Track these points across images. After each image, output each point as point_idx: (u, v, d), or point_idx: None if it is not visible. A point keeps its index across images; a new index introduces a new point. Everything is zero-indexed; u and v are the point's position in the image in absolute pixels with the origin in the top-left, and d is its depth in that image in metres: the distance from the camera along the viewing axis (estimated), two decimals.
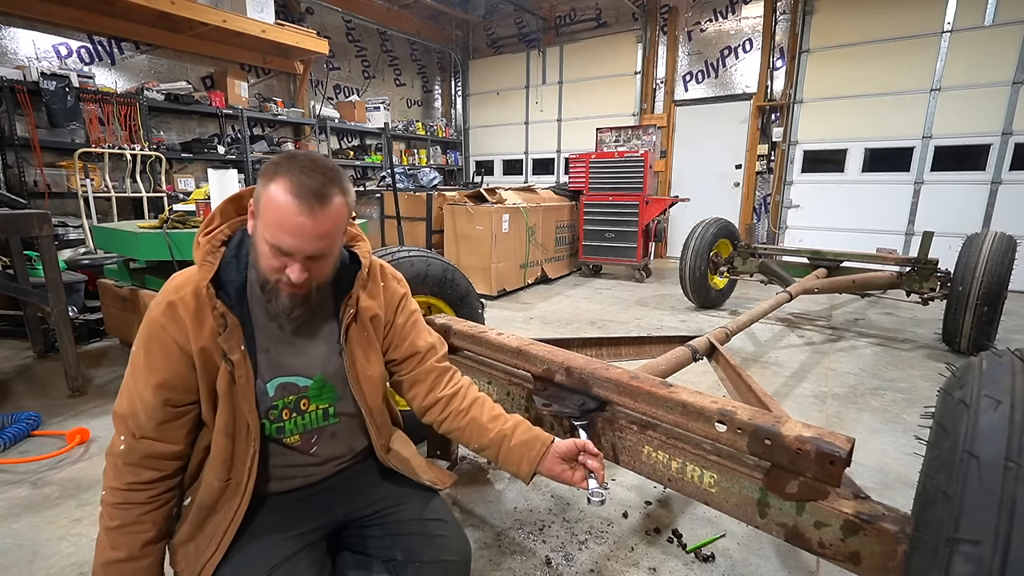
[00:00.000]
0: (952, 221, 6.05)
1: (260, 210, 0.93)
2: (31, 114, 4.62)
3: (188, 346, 0.98)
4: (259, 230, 0.95)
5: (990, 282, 3.26)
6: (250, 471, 1.04)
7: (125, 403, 1.00)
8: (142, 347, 1.00)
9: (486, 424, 1.18)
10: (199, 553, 1.03)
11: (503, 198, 5.60)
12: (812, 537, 0.96)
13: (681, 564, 1.61)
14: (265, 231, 0.93)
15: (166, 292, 1.01)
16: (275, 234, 0.91)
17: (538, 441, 1.13)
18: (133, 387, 1.00)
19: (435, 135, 9.66)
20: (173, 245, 2.64)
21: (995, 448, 0.72)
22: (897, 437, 2.42)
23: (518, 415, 1.23)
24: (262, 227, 0.93)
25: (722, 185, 7.74)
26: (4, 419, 2.38)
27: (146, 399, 0.98)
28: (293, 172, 0.90)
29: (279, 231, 0.91)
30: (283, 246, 0.92)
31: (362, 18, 8.00)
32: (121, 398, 1.01)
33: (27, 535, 1.71)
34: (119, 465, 0.99)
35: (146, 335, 1.00)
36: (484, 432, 1.18)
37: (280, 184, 0.90)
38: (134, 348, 1.01)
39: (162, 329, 0.98)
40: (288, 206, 0.89)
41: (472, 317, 2.18)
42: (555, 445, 1.12)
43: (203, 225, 1.05)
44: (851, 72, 6.48)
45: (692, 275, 4.65)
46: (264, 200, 0.92)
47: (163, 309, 0.99)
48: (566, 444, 1.12)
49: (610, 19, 8.30)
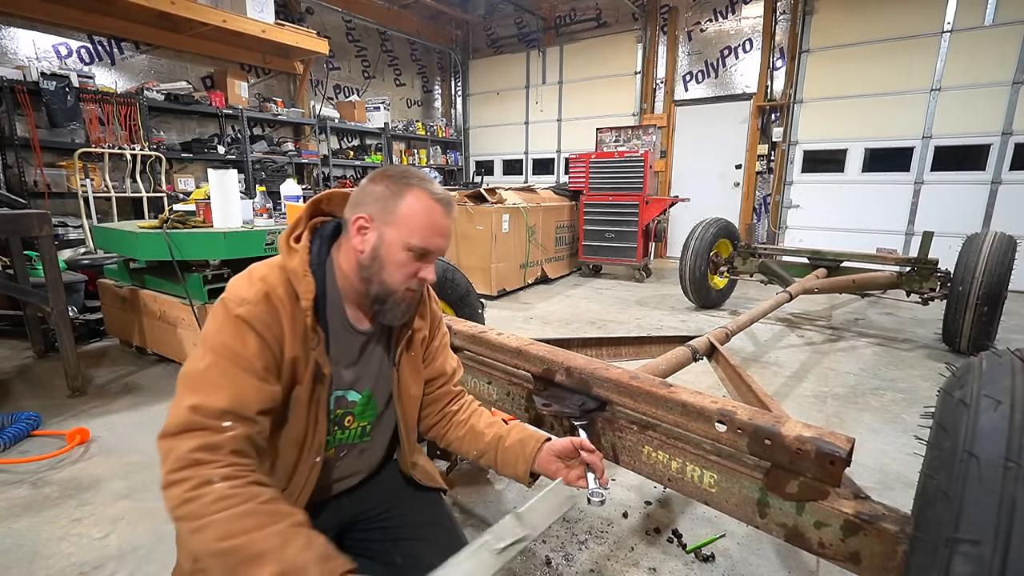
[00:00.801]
0: (952, 221, 6.05)
1: (398, 219, 0.97)
2: (31, 114, 4.63)
3: (281, 349, 0.93)
4: (393, 240, 0.97)
5: (990, 282, 3.26)
6: (307, 483, 1.03)
7: (225, 395, 0.86)
8: (236, 336, 0.89)
9: (483, 430, 1.21)
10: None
11: (503, 198, 5.60)
12: (812, 537, 0.96)
13: (681, 564, 1.61)
14: (411, 237, 0.97)
15: (256, 281, 0.94)
16: (426, 237, 0.98)
17: (532, 439, 1.14)
18: (231, 377, 0.87)
19: (435, 135, 9.66)
20: (173, 245, 2.65)
21: (995, 448, 0.72)
22: (897, 437, 2.42)
23: (517, 422, 1.24)
24: (404, 235, 0.97)
25: (722, 185, 7.74)
26: (4, 419, 2.38)
27: (251, 387, 0.89)
28: (420, 181, 0.99)
29: (431, 234, 0.99)
30: (433, 247, 1.00)
31: (362, 18, 8.00)
32: (212, 394, 0.86)
33: (27, 535, 1.71)
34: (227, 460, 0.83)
35: (238, 324, 0.90)
36: (480, 438, 1.20)
37: (418, 193, 0.98)
38: (219, 339, 0.89)
39: (261, 322, 0.91)
40: (436, 210, 0.98)
41: (472, 317, 2.18)
42: (551, 443, 1.13)
43: (291, 230, 1.02)
44: (851, 72, 6.48)
45: (692, 275, 4.65)
46: (405, 210, 0.97)
47: (261, 299, 0.92)
48: (562, 442, 1.12)
49: (610, 19, 8.30)
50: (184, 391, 0.87)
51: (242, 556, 0.76)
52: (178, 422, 0.84)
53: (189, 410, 0.84)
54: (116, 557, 1.62)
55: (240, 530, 0.77)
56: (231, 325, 0.90)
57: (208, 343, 0.90)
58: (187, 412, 0.84)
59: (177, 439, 0.83)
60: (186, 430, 0.83)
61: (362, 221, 0.98)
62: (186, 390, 0.87)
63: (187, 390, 0.87)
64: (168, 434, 0.84)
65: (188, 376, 0.88)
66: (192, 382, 0.87)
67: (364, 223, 0.98)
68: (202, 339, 0.92)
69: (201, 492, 0.78)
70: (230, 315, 0.90)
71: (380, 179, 1.00)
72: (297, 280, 0.95)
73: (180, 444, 0.82)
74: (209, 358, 0.88)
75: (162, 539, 1.70)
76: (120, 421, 2.53)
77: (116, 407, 2.68)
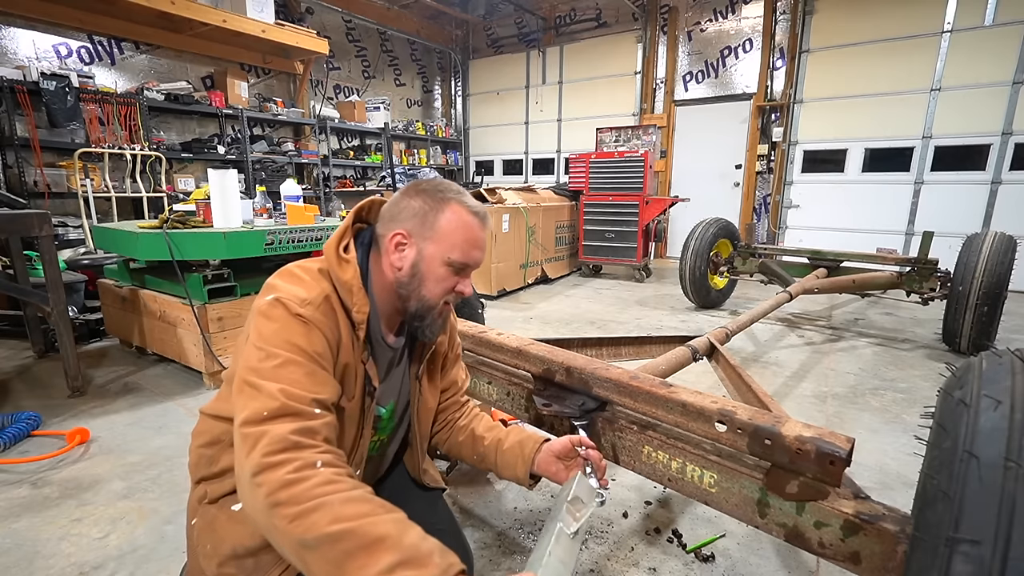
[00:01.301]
0: (952, 221, 6.05)
1: (437, 234, 0.98)
2: (31, 114, 4.62)
3: (337, 352, 0.93)
4: (433, 255, 0.98)
5: (990, 282, 3.26)
6: None
7: (307, 386, 0.84)
8: (303, 334, 0.87)
9: (482, 434, 1.22)
10: (259, 568, 0.94)
11: (503, 198, 5.60)
12: (812, 537, 0.96)
13: (681, 564, 1.61)
14: (451, 252, 0.98)
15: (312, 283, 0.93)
16: (467, 252, 1.00)
17: (531, 440, 1.14)
18: (309, 370, 0.86)
19: (435, 135, 9.66)
20: (173, 245, 2.65)
21: (995, 448, 0.72)
22: (897, 437, 2.42)
23: (516, 425, 1.26)
24: (444, 249, 0.98)
25: (722, 185, 7.74)
26: (4, 419, 2.38)
27: (328, 381, 0.89)
28: (456, 195, 1.00)
29: (470, 248, 1.00)
30: (472, 261, 1.01)
31: (362, 18, 8.00)
32: (295, 383, 0.83)
33: (27, 535, 1.71)
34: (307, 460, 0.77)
35: (303, 323, 0.88)
36: (480, 442, 1.21)
37: (456, 208, 0.99)
38: (284, 337, 0.86)
39: (323, 324, 0.90)
40: (474, 224, 1.00)
41: (472, 317, 2.18)
42: (549, 444, 1.13)
43: (339, 239, 0.99)
44: (851, 72, 6.48)
45: (692, 275, 4.65)
46: (445, 225, 0.98)
47: (322, 301, 0.92)
48: (560, 442, 1.12)
49: (610, 19, 8.30)
50: (266, 383, 0.82)
51: (359, 540, 0.69)
52: (268, 407, 0.79)
53: (280, 393, 0.80)
54: (116, 557, 1.62)
55: (355, 514, 0.71)
56: (296, 324, 0.88)
57: (271, 342, 0.85)
58: (278, 396, 0.80)
59: (269, 423, 0.78)
60: (280, 415, 0.79)
61: (399, 237, 0.98)
62: (268, 382, 0.82)
63: (269, 382, 0.82)
64: (254, 420, 0.78)
65: (259, 371, 0.83)
66: (269, 375, 0.83)
67: (402, 239, 0.98)
68: (259, 339, 0.86)
69: (306, 474, 0.73)
70: (290, 314, 0.88)
71: (416, 194, 0.99)
72: (349, 293, 0.95)
73: (275, 428, 0.77)
74: (281, 355, 0.85)
75: (162, 539, 1.70)
76: (120, 421, 2.53)
77: (116, 407, 2.68)
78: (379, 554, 0.68)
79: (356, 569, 0.67)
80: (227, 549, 0.95)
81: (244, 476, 0.76)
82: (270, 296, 0.91)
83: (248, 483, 0.75)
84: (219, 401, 1.03)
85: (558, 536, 0.88)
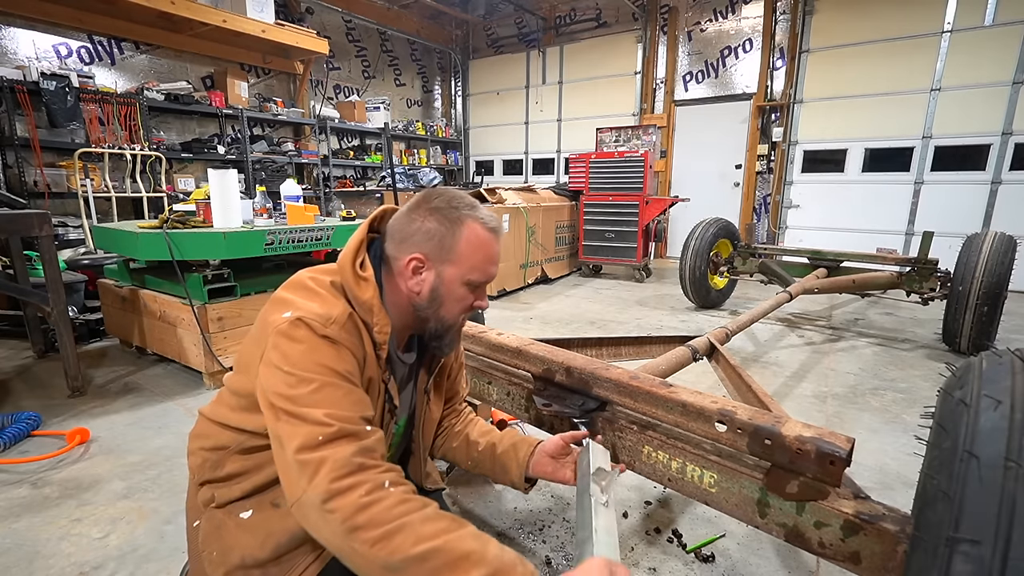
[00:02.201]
0: (952, 221, 6.05)
1: (457, 258, 0.96)
2: (31, 114, 4.63)
3: (363, 369, 0.92)
4: (453, 277, 0.97)
5: (990, 282, 3.25)
6: None
7: (349, 406, 0.84)
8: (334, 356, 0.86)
9: (476, 439, 1.22)
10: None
11: (503, 198, 5.60)
12: (812, 537, 0.96)
13: (681, 564, 1.61)
14: (471, 274, 0.98)
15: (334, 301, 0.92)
16: (486, 269, 0.99)
17: (525, 443, 1.14)
18: (346, 391, 0.85)
19: (435, 135, 9.66)
20: (173, 245, 2.65)
21: (995, 448, 0.72)
22: (897, 437, 2.42)
23: (510, 429, 1.25)
24: (464, 272, 0.97)
25: (722, 185, 7.74)
26: (4, 419, 2.38)
27: (365, 399, 0.89)
28: (471, 211, 0.98)
29: (489, 265, 1.00)
30: (490, 278, 1.01)
31: (362, 18, 8.00)
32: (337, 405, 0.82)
33: (27, 535, 1.71)
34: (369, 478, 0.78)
35: (332, 345, 0.87)
36: (474, 447, 1.21)
37: (473, 227, 0.97)
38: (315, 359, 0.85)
39: (349, 342, 0.90)
40: (491, 241, 0.99)
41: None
42: (542, 444, 1.13)
43: (355, 254, 0.97)
44: (851, 72, 6.48)
45: (692, 275, 4.65)
46: (464, 247, 0.96)
47: (347, 319, 0.90)
48: (553, 440, 1.12)
49: (610, 19, 8.30)
50: (303, 411, 0.80)
51: (446, 558, 0.71)
52: (323, 432, 0.78)
53: (330, 417, 0.79)
54: (116, 557, 1.62)
55: (436, 532, 0.73)
56: (325, 346, 0.86)
57: (302, 366, 0.83)
58: (329, 420, 0.79)
59: (327, 447, 0.77)
60: (337, 437, 0.78)
61: (416, 262, 0.96)
62: (308, 409, 0.80)
63: (309, 408, 0.81)
64: (310, 446, 0.77)
65: (296, 399, 0.81)
66: (307, 401, 0.81)
67: (419, 263, 0.96)
68: (286, 363, 0.84)
69: (379, 496, 0.74)
70: (316, 335, 0.86)
71: (429, 214, 0.96)
72: (370, 313, 0.94)
73: (335, 452, 0.76)
74: (315, 379, 0.83)
75: (162, 539, 1.70)
76: (120, 421, 2.53)
77: (116, 407, 2.68)
78: (467, 569, 0.71)
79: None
80: (235, 559, 0.94)
81: (311, 503, 0.75)
82: (289, 314, 0.87)
83: (317, 510, 0.74)
84: (222, 407, 1.01)
85: (595, 510, 0.93)
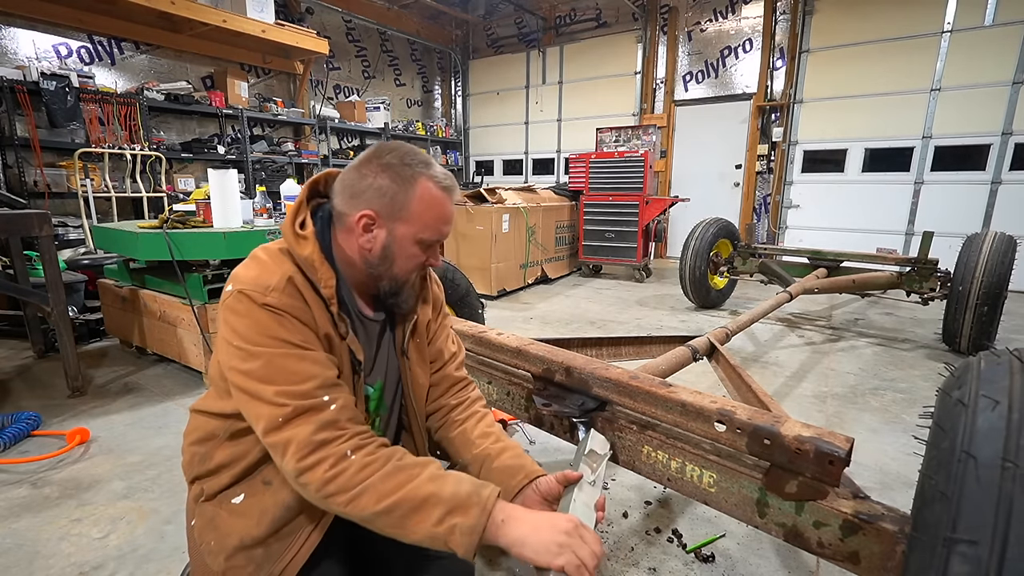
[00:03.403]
0: (952, 221, 6.05)
1: (409, 216, 0.94)
2: (31, 114, 4.63)
3: (316, 328, 0.91)
4: (405, 235, 0.96)
5: (990, 282, 3.26)
6: None
7: (304, 375, 0.85)
8: (276, 324, 0.85)
9: (473, 439, 1.12)
10: (270, 557, 0.94)
11: (503, 198, 5.60)
12: (811, 537, 0.96)
13: (681, 564, 1.61)
14: (423, 232, 0.96)
15: (272, 267, 0.90)
16: (437, 228, 0.98)
17: (522, 471, 1.02)
18: (295, 358, 0.85)
19: (435, 135, 9.66)
20: (173, 245, 2.65)
21: (993, 448, 0.72)
22: (897, 437, 2.42)
23: (515, 441, 1.16)
24: (416, 230, 0.96)
25: (722, 185, 7.74)
26: (4, 419, 2.38)
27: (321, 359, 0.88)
28: (425, 168, 0.95)
29: (441, 224, 0.98)
30: (442, 236, 0.99)
31: (362, 18, 8.00)
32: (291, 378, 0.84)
33: (27, 535, 1.72)
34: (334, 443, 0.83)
35: (271, 314, 0.86)
36: (468, 448, 1.12)
37: (426, 184, 0.94)
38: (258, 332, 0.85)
39: (292, 307, 0.88)
40: (445, 200, 0.97)
41: (472, 317, 2.19)
42: (539, 481, 1.01)
43: (293, 216, 0.96)
44: (851, 72, 6.48)
45: (692, 275, 4.65)
46: (416, 205, 0.94)
47: (286, 284, 0.88)
48: (548, 481, 1.00)
49: (610, 19, 8.30)
50: (260, 388, 0.84)
51: (407, 507, 0.81)
52: (281, 413, 0.82)
53: (282, 396, 0.82)
54: (116, 557, 1.62)
55: (395, 486, 0.81)
56: (266, 315, 0.86)
57: (248, 339, 0.85)
58: (283, 400, 0.82)
59: (289, 428, 0.82)
60: (295, 416, 0.83)
61: (367, 219, 0.94)
62: (262, 386, 0.83)
63: (263, 385, 0.83)
64: (273, 429, 0.82)
65: (249, 374, 0.84)
66: (263, 378, 0.84)
67: (369, 220, 0.94)
68: (234, 336, 0.86)
69: (342, 467, 0.81)
70: (256, 305, 0.86)
71: (382, 170, 0.94)
72: (313, 269, 0.92)
73: (297, 432, 0.82)
74: (263, 352, 0.84)
75: (162, 539, 1.70)
76: (120, 421, 2.53)
77: (116, 407, 2.68)
78: (428, 511, 0.81)
79: (414, 526, 0.81)
80: (234, 541, 0.95)
81: (289, 477, 0.84)
82: (231, 287, 0.89)
83: (295, 483, 0.84)
84: (208, 398, 1.02)
85: (580, 486, 1.00)
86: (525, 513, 0.86)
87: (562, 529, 0.83)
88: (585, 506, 0.96)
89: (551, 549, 0.81)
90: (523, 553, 0.82)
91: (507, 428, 2.50)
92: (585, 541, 0.83)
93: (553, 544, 0.81)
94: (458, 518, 0.81)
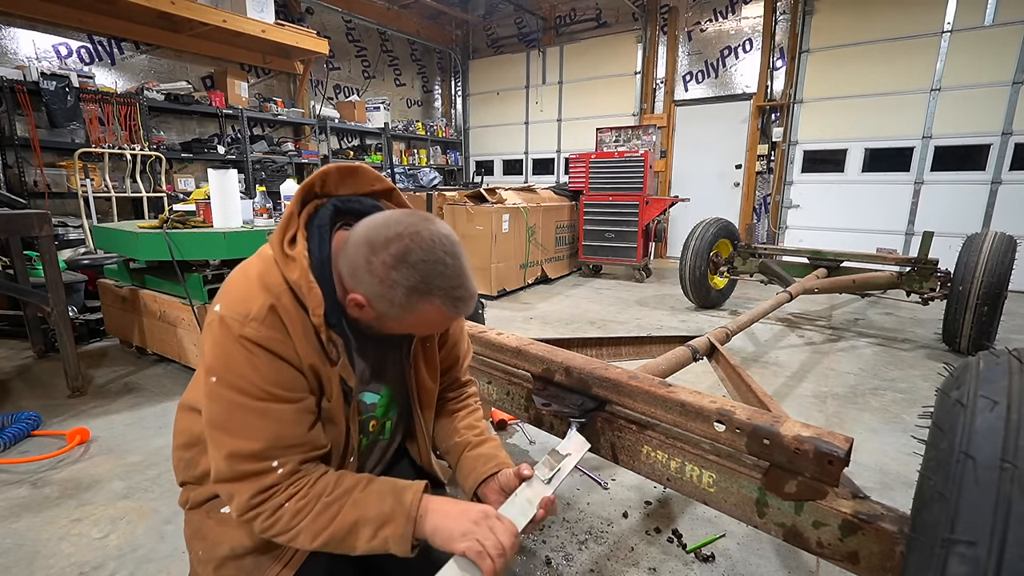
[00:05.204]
0: (952, 221, 6.05)
1: (404, 323, 0.89)
2: (31, 114, 4.63)
3: (298, 360, 0.87)
4: (395, 329, 0.92)
5: (990, 282, 3.25)
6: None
7: (261, 435, 0.83)
8: (247, 363, 0.82)
9: (458, 428, 1.16)
10: (260, 566, 0.94)
11: (503, 198, 5.60)
12: (811, 537, 0.97)
13: (681, 564, 1.61)
14: (415, 331, 0.98)
15: (258, 291, 0.85)
16: (433, 331, 1.04)
17: (493, 460, 1.07)
18: (258, 413, 0.83)
19: (435, 135, 9.66)
20: (173, 245, 2.65)
21: (991, 449, 0.72)
22: (897, 437, 2.42)
23: (497, 438, 1.17)
24: (407, 329, 0.93)
25: (722, 185, 7.74)
26: (4, 419, 2.38)
27: (285, 415, 0.85)
28: (444, 294, 0.86)
29: (440, 328, 1.04)
30: (439, 331, 1.08)
31: (362, 18, 8.00)
32: (246, 437, 0.83)
33: (27, 535, 1.72)
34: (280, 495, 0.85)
35: (245, 348, 0.82)
36: (451, 435, 1.15)
37: (438, 309, 0.86)
38: (227, 368, 0.83)
39: (271, 340, 0.83)
40: (451, 319, 0.90)
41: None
42: (501, 473, 1.05)
43: (283, 230, 0.89)
44: (851, 72, 6.48)
45: (692, 275, 4.65)
46: (416, 319, 0.88)
47: (267, 314, 0.83)
48: (506, 475, 1.03)
49: (610, 19, 8.30)
50: (217, 435, 0.84)
51: (341, 536, 0.85)
52: (227, 474, 0.84)
53: (230, 460, 0.83)
54: (116, 557, 1.62)
55: (326, 523, 0.85)
56: (237, 351, 0.82)
57: (216, 373, 0.83)
58: (229, 463, 0.83)
59: (232, 486, 0.85)
60: (237, 480, 0.84)
61: (360, 301, 0.87)
62: (219, 434, 0.84)
63: (220, 434, 0.84)
64: (220, 480, 0.86)
65: (211, 417, 0.85)
66: (221, 425, 0.84)
67: (361, 304, 0.87)
68: (207, 366, 0.84)
69: (276, 517, 0.85)
70: (232, 336, 0.82)
71: (395, 270, 0.83)
72: (302, 293, 0.85)
73: (238, 493, 0.85)
74: (226, 398, 0.83)
75: (162, 539, 1.70)
76: (120, 421, 2.53)
77: (116, 407, 2.69)
78: (359, 532, 0.86)
79: (352, 546, 0.86)
80: (224, 551, 0.95)
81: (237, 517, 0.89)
82: (216, 306, 0.86)
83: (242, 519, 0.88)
84: (193, 392, 1.01)
85: (530, 482, 1.01)
86: (443, 503, 0.90)
87: (471, 518, 0.86)
88: (527, 502, 0.97)
89: (455, 536, 0.85)
90: (434, 541, 0.87)
91: (507, 428, 2.50)
92: (493, 531, 0.85)
93: (457, 531, 0.85)
94: (388, 531, 0.86)
